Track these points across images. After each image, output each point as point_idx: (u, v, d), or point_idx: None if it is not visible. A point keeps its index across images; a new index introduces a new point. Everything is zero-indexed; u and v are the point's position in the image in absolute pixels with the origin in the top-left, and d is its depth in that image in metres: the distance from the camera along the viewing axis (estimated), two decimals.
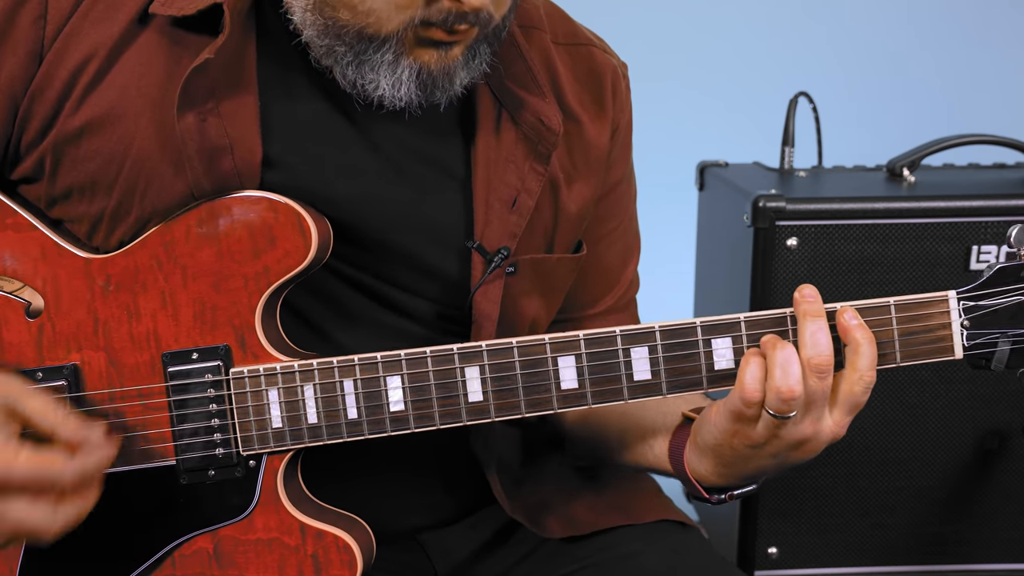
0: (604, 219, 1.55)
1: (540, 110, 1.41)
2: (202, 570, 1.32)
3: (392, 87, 1.28)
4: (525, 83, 1.42)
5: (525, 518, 1.48)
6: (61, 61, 1.31)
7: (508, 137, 1.41)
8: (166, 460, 1.31)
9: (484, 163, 1.40)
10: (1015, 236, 1.22)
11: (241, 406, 1.30)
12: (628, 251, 1.61)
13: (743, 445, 1.26)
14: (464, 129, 1.42)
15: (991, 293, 1.24)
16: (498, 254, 1.38)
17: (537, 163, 1.41)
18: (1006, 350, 1.25)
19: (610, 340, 1.26)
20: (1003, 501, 2.16)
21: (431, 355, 1.28)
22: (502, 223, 1.39)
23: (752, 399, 1.22)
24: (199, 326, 1.30)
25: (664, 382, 1.27)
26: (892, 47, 3.21)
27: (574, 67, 1.50)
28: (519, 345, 1.27)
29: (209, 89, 1.30)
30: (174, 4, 1.31)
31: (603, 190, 1.53)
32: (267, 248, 1.29)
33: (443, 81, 1.30)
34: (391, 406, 1.28)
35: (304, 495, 1.35)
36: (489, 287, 1.39)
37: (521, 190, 1.40)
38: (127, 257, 1.31)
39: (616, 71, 1.53)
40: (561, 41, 1.50)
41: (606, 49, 1.55)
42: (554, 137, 1.41)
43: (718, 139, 2.85)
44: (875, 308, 1.24)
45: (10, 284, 1.33)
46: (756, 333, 1.25)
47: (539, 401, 1.28)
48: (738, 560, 2.17)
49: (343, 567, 1.31)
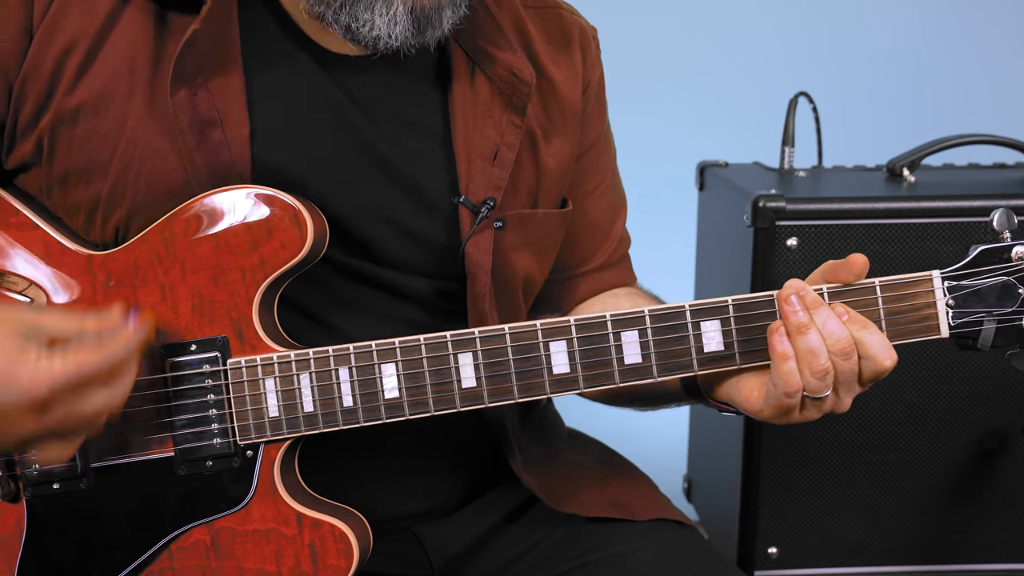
0: (586, 177, 1.59)
1: (511, 63, 1.45)
2: (199, 561, 1.33)
3: (387, 26, 1.32)
4: (495, 40, 1.46)
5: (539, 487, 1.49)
6: (51, 40, 1.33)
7: (483, 92, 1.45)
8: (164, 451, 1.33)
9: (462, 118, 1.44)
10: (997, 219, 1.26)
11: (238, 396, 1.31)
12: (614, 207, 1.65)
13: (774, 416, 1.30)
14: (440, 89, 1.46)
15: (975, 273, 1.27)
16: (484, 204, 1.41)
17: (514, 115, 1.45)
18: (992, 329, 1.27)
19: (601, 325, 1.29)
20: (1003, 501, 2.15)
21: (425, 342, 1.30)
22: (485, 176, 1.43)
23: (794, 387, 1.24)
24: (197, 319, 1.32)
25: (655, 365, 1.29)
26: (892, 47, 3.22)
27: (544, 28, 1.54)
28: (511, 331, 1.29)
29: (198, 65, 1.33)
30: None
31: (581, 148, 1.57)
32: (264, 241, 1.31)
33: (434, 17, 1.34)
34: (386, 393, 1.30)
35: (301, 487, 1.36)
36: (479, 238, 1.42)
37: (500, 143, 1.44)
38: (127, 253, 1.33)
39: (584, 30, 1.58)
40: (531, 5, 1.55)
41: (574, 11, 1.60)
42: (527, 88, 1.45)
43: (718, 139, 2.85)
44: (860, 289, 1.27)
45: (15, 284, 1.35)
46: (744, 315, 1.28)
47: (532, 386, 1.30)
48: (738, 560, 2.17)
49: (339, 556, 1.32)
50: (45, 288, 1.33)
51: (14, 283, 1.35)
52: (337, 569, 1.32)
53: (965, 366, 2.11)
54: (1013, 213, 1.26)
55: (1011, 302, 1.26)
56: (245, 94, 1.35)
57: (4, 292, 1.34)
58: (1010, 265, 1.26)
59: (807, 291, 1.25)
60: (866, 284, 1.27)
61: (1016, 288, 1.26)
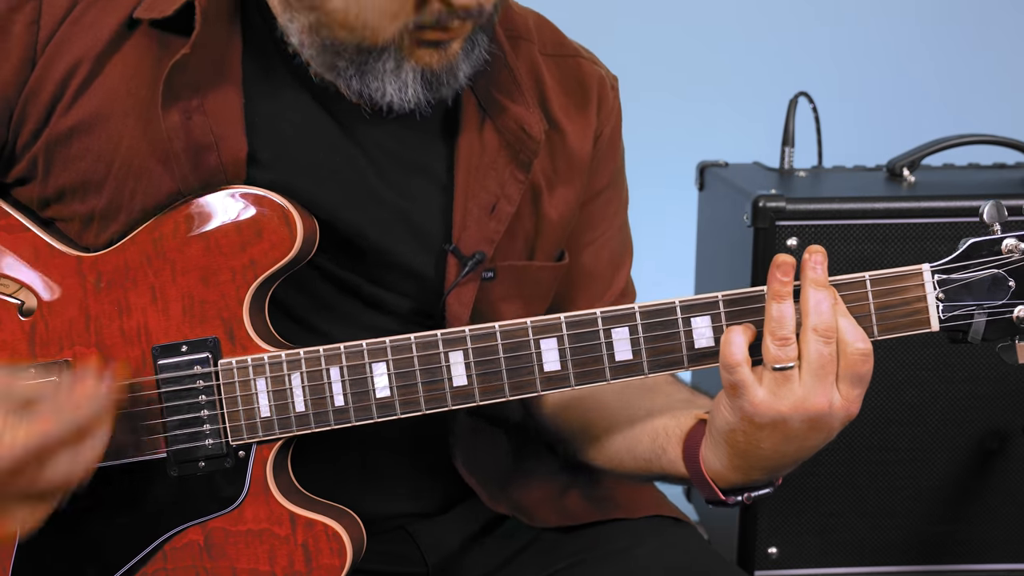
0: (589, 226, 1.56)
1: (522, 118, 1.43)
2: (193, 562, 1.33)
3: (399, 92, 1.31)
4: (509, 91, 1.44)
5: (511, 510, 1.49)
6: (53, 65, 1.33)
7: (490, 143, 1.43)
8: (157, 453, 1.33)
9: (465, 168, 1.42)
10: (987, 212, 1.25)
11: (230, 396, 1.31)
12: (617, 257, 1.61)
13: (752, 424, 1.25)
14: (447, 134, 1.44)
15: (965, 266, 1.26)
16: (472, 258, 1.40)
17: (518, 170, 1.43)
18: (982, 322, 1.26)
19: (591, 322, 1.28)
20: (1003, 501, 2.15)
21: (415, 341, 1.29)
22: (480, 228, 1.41)
23: (727, 361, 1.22)
24: (188, 320, 1.32)
25: (645, 361, 1.28)
26: (892, 47, 3.21)
27: (561, 78, 1.51)
28: (502, 329, 1.29)
29: (193, 86, 1.32)
30: (155, 7, 1.34)
31: (587, 196, 1.54)
32: (254, 241, 1.31)
33: (447, 77, 1.33)
34: (377, 392, 1.30)
35: (294, 487, 1.36)
36: (462, 290, 1.41)
37: (501, 196, 1.42)
38: (118, 254, 1.33)
39: (603, 80, 1.55)
40: (549, 52, 1.52)
41: (594, 61, 1.57)
42: (535, 145, 1.43)
43: (718, 139, 2.85)
44: (850, 283, 1.25)
45: (6, 286, 1.35)
46: (734, 311, 1.27)
47: (523, 384, 1.29)
48: (738, 560, 2.17)
49: (333, 556, 1.32)
50: (36, 290, 1.33)
51: (4, 285, 1.35)
52: (331, 568, 1.32)
53: (965, 366, 2.11)
54: (1003, 205, 1.26)
55: (1001, 294, 1.25)
56: (244, 119, 1.34)
57: None
58: (1000, 258, 1.25)
59: (823, 266, 1.23)
60: (856, 278, 1.26)
61: (1006, 280, 1.25)
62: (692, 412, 1.37)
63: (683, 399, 1.42)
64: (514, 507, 1.50)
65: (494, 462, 1.54)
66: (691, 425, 1.36)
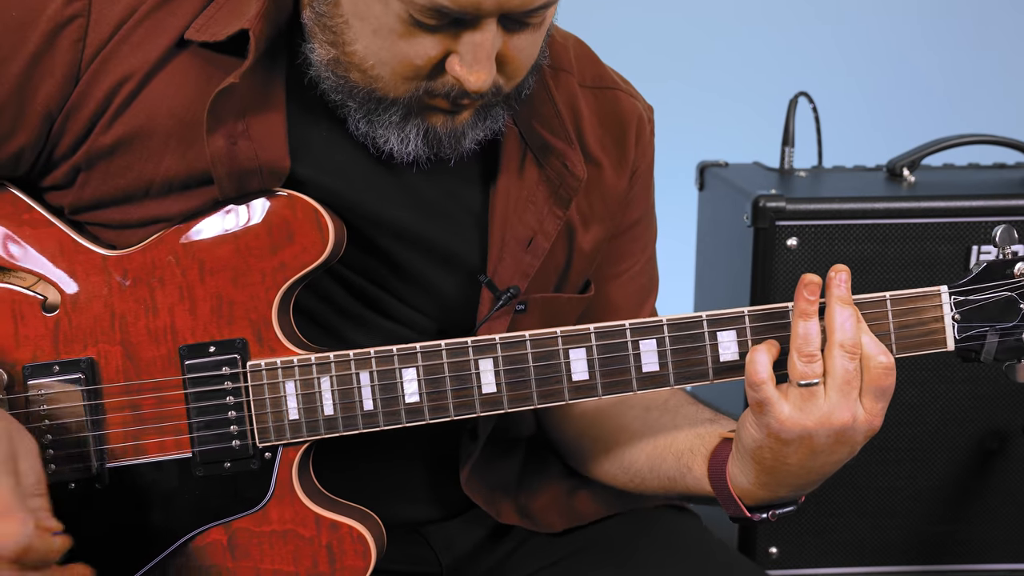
0: (618, 259, 1.56)
1: (566, 155, 1.43)
2: (216, 562, 1.34)
3: (400, 143, 1.32)
4: (552, 127, 1.44)
5: (520, 518, 1.50)
6: (97, 82, 1.33)
7: (531, 178, 1.42)
8: (182, 453, 1.33)
9: (503, 201, 1.42)
10: (999, 236, 1.29)
11: (258, 398, 1.32)
12: (643, 292, 1.61)
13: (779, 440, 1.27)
14: (487, 165, 1.44)
15: (980, 288, 1.30)
16: (507, 292, 1.39)
17: (557, 207, 1.43)
18: (994, 342, 1.30)
19: (620, 333, 1.30)
20: (1003, 501, 2.16)
21: (446, 347, 1.30)
22: (515, 262, 1.41)
23: (753, 379, 1.25)
24: (216, 320, 1.32)
25: (672, 374, 1.30)
26: (892, 47, 3.22)
27: (599, 111, 1.51)
28: (532, 338, 1.30)
29: (239, 111, 1.32)
30: (207, 30, 1.33)
31: (618, 229, 1.54)
32: (285, 244, 1.31)
33: (450, 141, 1.33)
34: (406, 398, 1.31)
35: (316, 488, 1.37)
36: (494, 323, 1.41)
37: (538, 231, 1.42)
38: (144, 253, 1.33)
39: (642, 117, 1.54)
40: (588, 84, 1.51)
41: (632, 93, 1.56)
42: (577, 183, 1.43)
43: (718, 139, 2.85)
44: (871, 302, 1.29)
45: (24, 279, 1.35)
46: (759, 326, 1.29)
47: (551, 392, 1.31)
48: None
49: (357, 557, 1.33)
50: (59, 285, 1.33)
51: (22, 279, 1.35)
52: (355, 570, 1.33)
53: (965, 366, 2.10)
54: (1014, 230, 1.30)
55: (1013, 317, 1.30)
56: (288, 144, 1.34)
57: (12, 287, 1.34)
58: (1012, 281, 1.29)
59: (847, 285, 1.26)
60: (877, 298, 1.29)
61: (1018, 303, 1.29)
62: (716, 431, 1.40)
63: (706, 419, 1.44)
64: (522, 514, 1.51)
65: (503, 479, 1.55)
66: (716, 444, 1.38)
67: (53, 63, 1.32)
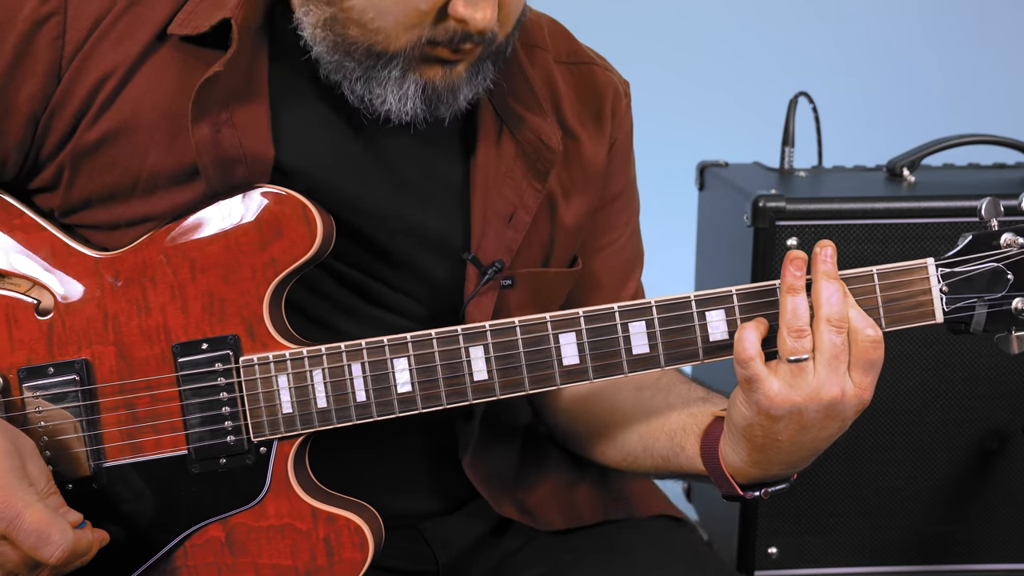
0: (601, 232, 1.57)
1: (540, 128, 1.44)
2: (215, 558, 1.34)
3: (398, 102, 1.32)
4: (526, 101, 1.46)
5: (518, 513, 1.50)
6: (79, 79, 1.34)
7: (508, 153, 1.44)
8: (177, 450, 1.34)
9: (483, 177, 1.43)
10: (984, 208, 1.29)
11: (251, 393, 1.32)
12: (627, 265, 1.62)
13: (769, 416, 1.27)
14: (465, 143, 1.45)
15: (966, 260, 1.30)
16: (492, 267, 1.41)
17: (535, 180, 1.45)
18: (983, 314, 1.30)
19: (609, 316, 1.30)
20: (1003, 501, 2.16)
21: (436, 336, 1.31)
22: (498, 237, 1.43)
23: (741, 356, 1.25)
24: (208, 317, 1.33)
25: (662, 355, 1.30)
26: (892, 47, 3.22)
27: (575, 86, 1.53)
28: (521, 324, 1.31)
29: (223, 100, 1.33)
30: (190, 23, 1.34)
31: (600, 202, 1.55)
32: (274, 239, 1.32)
33: (447, 96, 1.34)
34: (398, 387, 1.31)
35: (312, 483, 1.37)
36: (482, 298, 1.42)
37: (519, 206, 1.44)
38: (135, 253, 1.34)
39: (617, 89, 1.56)
40: (563, 60, 1.53)
41: (607, 67, 1.58)
42: (552, 155, 1.44)
43: (718, 139, 2.86)
44: (859, 277, 1.29)
45: (18, 284, 1.36)
46: (748, 304, 1.30)
47: (542, 377, 1.31)
48: (738, 560, 2.18)
49: (355, 550, 1.33)
50: (52, 289, 1.34)
51: (16, 284, 1.36)
52: (353, 563, 1.33)
53: (965, 366, 2.11)
54: (999, 201, 1.29)
55: (1000, 287, 1.29)
56: (271, 132, 1.35)
57: (5, 293, 1.35)
58: (999, 251, 1.29)
59: (832, 260, 1.27)
60: (864, 272, 1.29)
61: (1005, 274, 1.29)
62: (709, 410, 1.40)
63: (699, 397, 1.44)
64: (521, 510, 1.51)
65: (502, 467, 1.55)
66: (708, 422, 1.38)
67: (34, 62, 1.33)
